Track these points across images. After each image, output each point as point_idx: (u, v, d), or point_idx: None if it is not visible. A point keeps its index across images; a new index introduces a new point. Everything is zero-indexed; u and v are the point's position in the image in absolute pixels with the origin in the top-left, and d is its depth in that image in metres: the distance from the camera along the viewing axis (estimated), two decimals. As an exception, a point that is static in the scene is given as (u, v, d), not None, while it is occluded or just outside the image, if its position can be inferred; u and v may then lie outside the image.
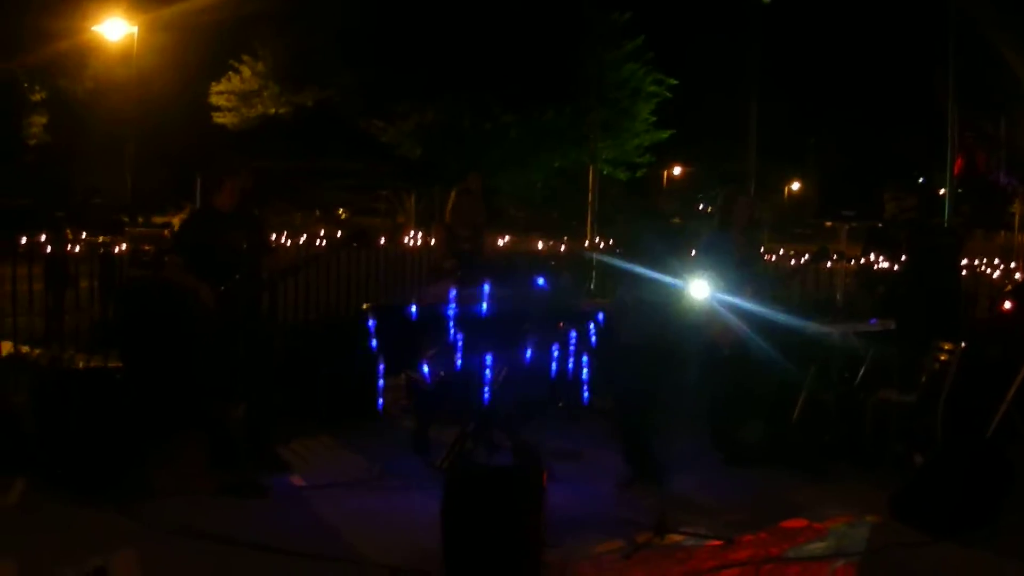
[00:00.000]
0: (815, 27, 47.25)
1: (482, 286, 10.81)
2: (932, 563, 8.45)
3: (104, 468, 9.63)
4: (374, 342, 11.79)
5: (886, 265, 16.24)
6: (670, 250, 10.23)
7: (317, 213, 51.15)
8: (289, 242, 15.38)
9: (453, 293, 10.80)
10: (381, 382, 12.25)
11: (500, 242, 16.45)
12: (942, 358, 11.34)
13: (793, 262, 16.53)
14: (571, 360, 12.61)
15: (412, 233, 20.10)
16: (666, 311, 10.34)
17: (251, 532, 8.57)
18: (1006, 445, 10.49)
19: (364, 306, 12.79)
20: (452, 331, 10.77)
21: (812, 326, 11.43)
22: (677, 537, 8.75)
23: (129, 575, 7.59)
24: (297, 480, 10.31)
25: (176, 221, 36.47)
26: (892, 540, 8.85)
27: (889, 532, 9.06)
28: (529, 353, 11.05)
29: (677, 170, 78.63)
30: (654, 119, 40.30)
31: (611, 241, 21.55)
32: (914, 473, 9.93)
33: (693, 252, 11.32)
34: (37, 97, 46.47)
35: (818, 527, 9.22)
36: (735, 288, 11.04)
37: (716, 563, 8.27)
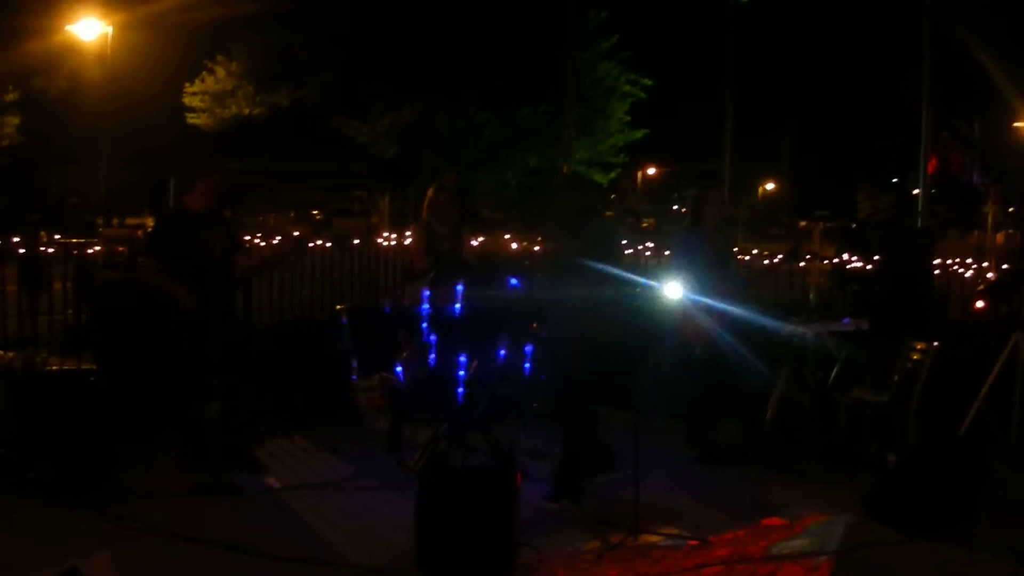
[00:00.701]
0: (790, 27, 47.30)
1: (456, 286, 10.81)
2: (906, 561, 8.48)
3: (78, 470, 9.62)
4: (348, 343, 11.79)
5: (860, 265, 16.26)
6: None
7: (292, 214, 51.04)
8: (264, 243, 15.33)
9: (427, 293, 10.80)
10: (355, 382, 12.24)
11: (474, 242, 16.40)
12: (915, 357, 11.38)
13: (766, 262, 16.55)
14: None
15: (386, 233, 20.06)
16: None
17: (225, 533, 8.56)
18: (979, 444, 10.55)
19: (338, 307, 12.77)
20: (426, 331, 10.77)
21: (786, 326, 11.47)
22: (651, 537, 8.76)
23: (103, 576, 7.58)
24: (271, 481, 10.30)
25: (149, 222, 36.39)
26: (866, 539, 8.87)
27: (863, 531, 9.08)
28: (503, 353, 11.05)
29: (652, 170, 78.84)
30: (628, 119, 40.39)
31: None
32: (887, 472, 9.97)
33: (667, 252, 11.36)
34: (10, 97, 46.22)
35: (792, 526, 9.24)
36: (708, 288, 11.07)
37: (690, 563, 8.28)
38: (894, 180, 51.04)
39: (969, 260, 19.18)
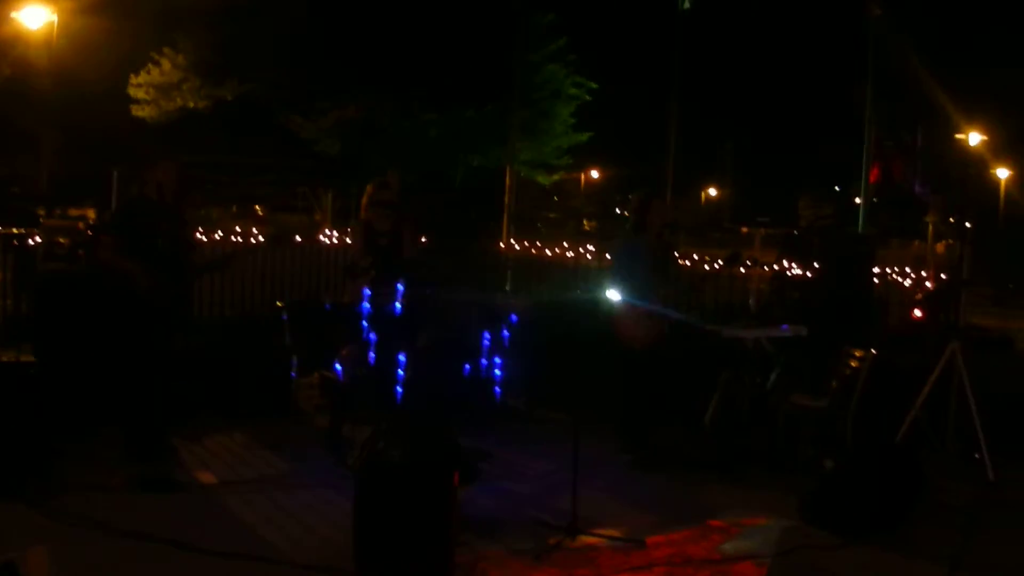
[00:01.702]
0: (735, 33, 47.50)
1: (396, 285, 10.82)
2: (842, 565, 8.55)
3: (15, 463, 9.57)
4: (288, 339, 11.79)
5: (799, 272, 16.37)
6: None
7: (234, 209, 50.90)
8: (205, 238, 15.30)
9: (367, 292, 10.79)
10: (295, 379, 12.23)
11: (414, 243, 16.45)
12: (853, 364, 11.46)
13: (707, 267, 16.63)
14: (484, 360, 12.63)
15: (328, 231, 20.05)
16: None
17: (163, 528, 8.53)
18: (915, 451, 10.65)
19: (278, 303, 12.75)
20: (366, 329, 10.77)
21: (725, 330, 11.53)
22: (589, 539, 8.79)
23: (40, 570, 7.54)
24: (210, 477, 10.28)
25: (91, 214, 36.16)
26: (803, 542, 8.93)
27: (800, 535, 9.14)
28: (443, 352, 11.07)
29: (595, 173, 79.03)
30: (573, 121, 40.46)
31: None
32: (825, 477, 10.03)
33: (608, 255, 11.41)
34: (-47, 84, 45.94)
35: (730, 529, 9.29)
36: (649, 292, 11.12)
37: (628, 565, 8.31)
38: (837, 188, 51.38)
39: (908, 269, 19.33)
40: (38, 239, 14.70)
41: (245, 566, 8.01)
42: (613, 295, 10.27)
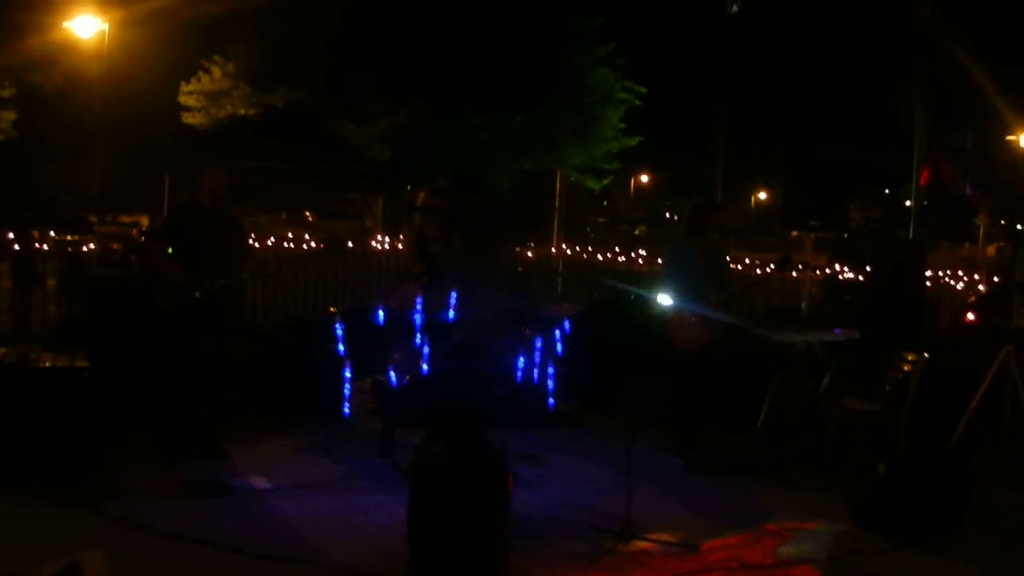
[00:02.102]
0: (785, 38, 47.39)
1: (449, 292, 10.83)
2: (894, 568, 8.52)
3: (70, 467, 9.68)
4: (340, 346, 11.83)
5: (851, 275, 16.31)
6: None
7: (283, 215, 51.07)
8: (257, 244, 15.38)
9: (419, 298, 10.82)
10: (347, 385, 12.26)
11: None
12: (906, 368, 11.42)
13: (758, 271, 16.59)
14: (536, 366, 12.65)
15: (379, 236, 20.11)
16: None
17: (216, 532, 8.58)
18: (968, 454, 10.60)
19: (331, 309, 12.80)
20: (419, 336, 10.79)
21: (777, 335, 11.51)
22: (642, 544, 8.79)
23: (97, 573, 7.59)
24: (263, 481, 10.33)
25: (143, 220, 36.39)
26: (855, 546, 8.91)
27: (852, 538, 9.12)
28: (496, 359, 11.07)
29: (645, 177, 78.91)
30: (623, 126, 40.40)
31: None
32: (877, 480, 10.00)
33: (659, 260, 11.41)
34: (6, 93, 46.15)
35: (782, 533, 9.27)
36: (701, 296, 11.11)
37: (682, 569, 8.30)
38: (886, 191, 51.24)
39: (960, 272, 19.23)
40: (92, 246, 14.82)
41: (297, 570, 8.06)
42: (665, 299, 10.27)
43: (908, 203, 27.68)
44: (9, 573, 7.46)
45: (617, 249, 21.97)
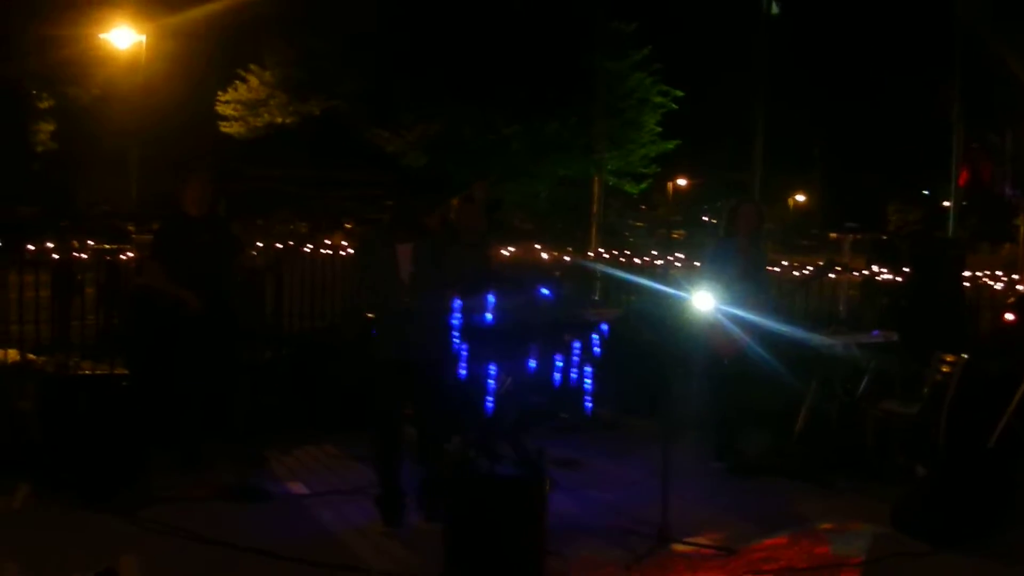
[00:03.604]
0: (822, 38, 47.23)
1: (486, 296, 10.81)
2: (933, 573, 8.49)
3: (108, 473, 9.73)
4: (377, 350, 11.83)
5: (889, 277, 16.23)
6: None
7: (323, 224, 51.18)
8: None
9: (457, 303, 10.79)
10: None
11: (504, 252, 16.44)
12: (944, 370, 11.34)
13: (797, 274, 16.51)
14: (574, 370, 12.61)
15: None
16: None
17: (253, 537, 8.61)
18: (1008, 457, 10.52)
19: (368, 314, 12.80)
20: (456, 341, 10.76)
21: (815, 338, 11.45)
22: (681, 547, 8.78)
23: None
24: (300, 487, 10.36)
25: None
26: (894, 550, 8.87)
27: (891, 542, 9.08)
28: (533, 363, 11.05)
29: (682, 181, 78.73)
30: (660, 130, 40.32)
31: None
32: (916, 484, 9.96)
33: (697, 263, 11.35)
34: (44, 105, 46.51)
35: (821, 537, 9.24)
36: (739, 299, 11.07)
37: (722, 574, 8.30)
38: (925, 192, 50.97)
39: (999, 273, 19.10)
40: (130, 254, 14.86)
41: (334, 575, 8.07)
42: (703, 301, 10.22)
43: (947, 204, 27.53)
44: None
45: (655, 252, 21.93)
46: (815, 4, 42.71)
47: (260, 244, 14.72)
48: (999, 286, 17.44)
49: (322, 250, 16.80)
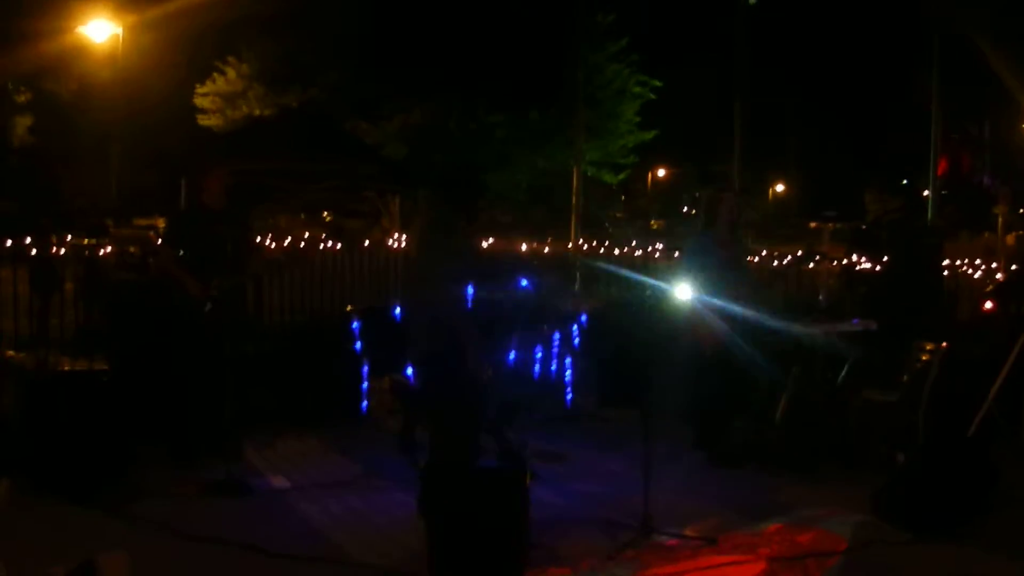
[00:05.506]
0: (799, 28, 47.31)
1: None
2: (916, 560, 8.50)
3: (91, 469, 9.71)
4: (358, 344, 11.84)
5: (868, 266, 16.26)
6: None
7: (302, 216, 51.04)
8: (274, 244, 15.39)
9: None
10: (366, 384, 12.26)
11: (484, 244, 16.47)
12: (924, 358, 11.38)
13: (776, 263, 16.55)
14: (554, 362, 12.63)
15: (396, 235, 20.11)
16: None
17: (237, 532, 8.61)
18: (988, 444, 10.55)
19: (348, 308, 12.80)
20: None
21: (795, 327, 11.47)
22: (660, 537, 8.78)
23: (117, 573, 7.61)
24: (282, 481, 10.37)
25: (160, 223, 36.42)
26: (876, 538, 8.89)
27: (873, 530, 9.10)
28: (513, 355, 11.06)
29: (661, 171, 78.81)
30: (638, 120, 40.35)
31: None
32: (897, 471, 9.98)
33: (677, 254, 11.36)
34: (21, 99, 46.40)
35: (803, 525, 9.26)
36: (719, 289, 11.08)
37: (703, 563, 8.31)
38: (904, 182, 51.10)
39: (978, 261, 19.15)
40: (109, 249, 14.85)
41: (318, 568, 8.09)
42: (683, 292, 10.23)
43: (926, 193, 27.56)
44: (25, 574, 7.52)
45: (634, 243, 21.94)
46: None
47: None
48: (978, 274, 17.51)
49: (301, 243, 16.81)
